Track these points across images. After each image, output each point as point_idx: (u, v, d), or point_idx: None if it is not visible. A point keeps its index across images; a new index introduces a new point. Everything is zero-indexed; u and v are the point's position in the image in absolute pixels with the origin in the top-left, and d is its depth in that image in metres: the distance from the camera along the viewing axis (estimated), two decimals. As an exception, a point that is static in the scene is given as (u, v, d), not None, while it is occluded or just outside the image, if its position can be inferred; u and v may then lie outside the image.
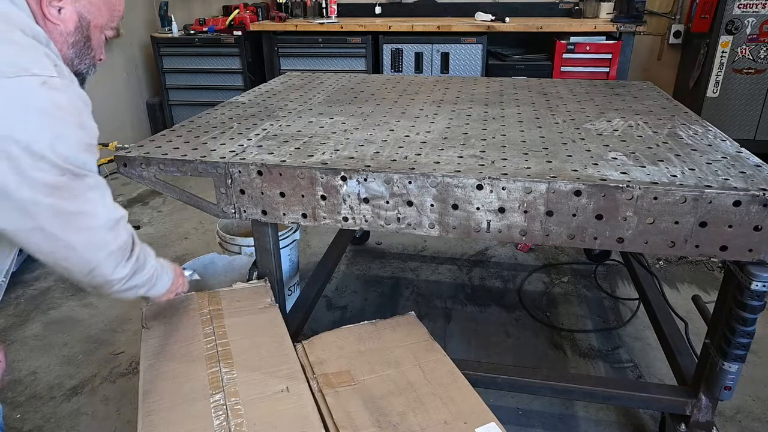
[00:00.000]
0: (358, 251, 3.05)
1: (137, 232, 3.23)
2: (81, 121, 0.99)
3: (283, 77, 2.61)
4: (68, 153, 0.95)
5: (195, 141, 1.63)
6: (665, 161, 1.40)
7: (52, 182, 0.94)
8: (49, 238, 1.00)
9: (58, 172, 0.94)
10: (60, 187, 0.96)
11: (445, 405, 1.28)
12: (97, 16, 1.11)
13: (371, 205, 1.41)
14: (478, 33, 4.07)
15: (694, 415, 1.55)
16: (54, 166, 0.93)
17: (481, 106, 2.00)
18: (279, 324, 1.47)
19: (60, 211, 0.98)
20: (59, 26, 1.06)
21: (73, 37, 1.08)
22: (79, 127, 0.98)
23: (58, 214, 0.98)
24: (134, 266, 1.18)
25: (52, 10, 1.03)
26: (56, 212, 0.97)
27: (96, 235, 1.06)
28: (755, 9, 3.65)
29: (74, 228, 1.02)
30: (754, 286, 1.28)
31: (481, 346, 2.25)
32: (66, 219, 0.99)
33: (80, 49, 1.11)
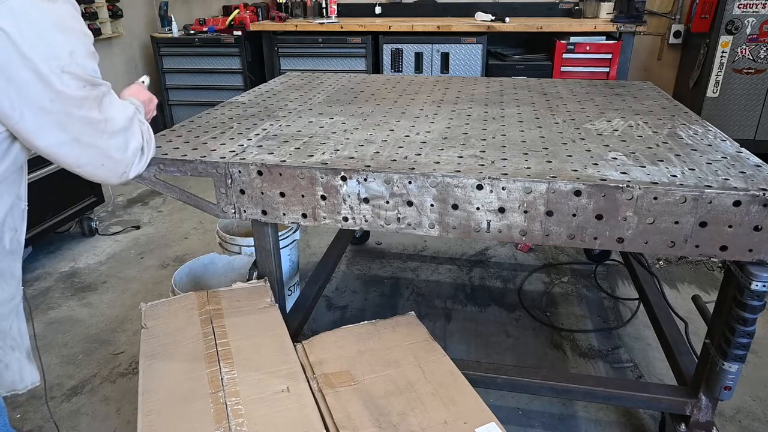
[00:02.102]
0: (358, 251, 3.05)
1: (137, 232, 3.27)
2: (83, 29, 1.02)
3: (283, 77, 2.61)
4: (84, 63, 1.01)
5: (195, 141, 1.63)
6: (665, 161, 1.40)
7: (79, 95, 1.01)
8: (86, 148, 1.08)
9: (80, 84, 1.01)
10: (86, 97, 1.03)
11: (445, 405, 1.28)
12: None
13: (371, 205, 1.41)
14: (478, 33, 4.07)
15: (694, 415, 1.55)
16: (76, 78, 0.99)
17: (481, 106, 2.00)
18: (279, 324, 1.47)
19: (90, 121, 1.05)
20: None
21: None
22: (84, 35, 1.02)
23: (89, 123, 1.05)
24: (148, 142, 1.28)
25: None
26: (88, 122, 1.05)
27: (123, 136, 1.16)
28: (755, 9, 3.65)
29: (105, 134, 1.10)
30: (754, 286, 1.27)
31: (481, 346, 2.25)
32: (96, 127, 1.07)
33: None
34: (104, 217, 3.54)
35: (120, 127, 1.14)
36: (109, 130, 1.11)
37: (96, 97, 1.06)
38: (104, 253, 3.04)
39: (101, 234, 3.28)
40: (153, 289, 2.67)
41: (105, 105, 1.09)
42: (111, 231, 3.32)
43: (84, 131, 1.06)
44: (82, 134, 1.06)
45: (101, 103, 1.08)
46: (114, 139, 1.13)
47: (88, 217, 3.22)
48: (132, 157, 1.20)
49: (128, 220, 3.50)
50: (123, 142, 1.17)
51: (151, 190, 3.85)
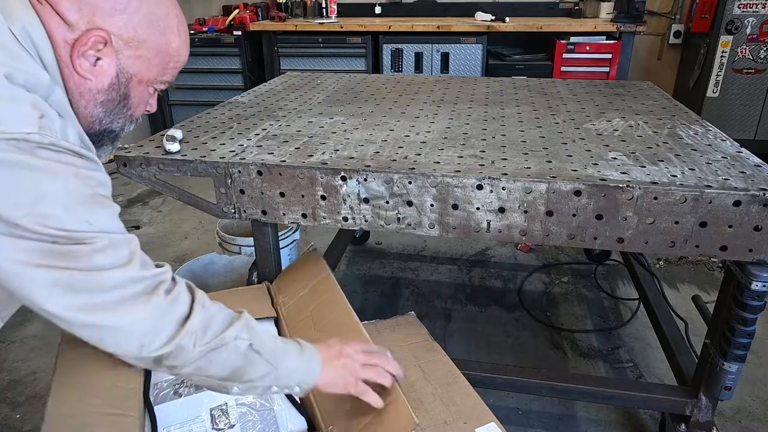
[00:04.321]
0: (358, 251, 3.05)
1: (137, 232, 3.27)
2: (74, 171, 0.79)
3: (283, 77, 2.61)
4: (56, 213, 0.76)
5: (195, 141, 1.63)
6: (665, 161, 1.40)
7: (39, 251, 0.76)
8: (68, 323, 0.81)
9: (45, 239, 0.75)
10: (54, 256, 0.77)
11: (445, 405, 1.28)
12: (144, 71, 0.92)
13: (371, 205, 1.41)
14: (478, 33, 4.07)
15: (694, 415, 1.55)
16: (36, 234, 0.75)
17: (481, 106, 2.00)
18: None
19: (59, 282, 0.78)
20: (89, 81, 0.87)
21: (104, 95, 0.90)
22: (74, 176, 0.79)
23: (60, 287, 0.78)
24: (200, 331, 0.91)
25: (83, 61, 0.85)
26: (56, 283, 0.78)
27: (119, 300, 0.83)
28: (755, 9, 3.65)
29: (87, 306, 0.81)
30: (754, 286, 1.27)
31: (481, 346, 2.25)
32: (73, 294, 0.79)
33: (112, 108, 0.93)
34: (104, 217, 3.54)
35: (117, 284, 0.82)
36: (104, 291, 0.81)
37: (73, 254, 0.78)
38: (104, 253, 3.04)
39: (101, 234, 3.28)
40: (153, 289, 2.66)
41: (92, 263, 0.80)
42: (111, 231, 3.32)
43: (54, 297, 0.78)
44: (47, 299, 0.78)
45: (81, 260, 0.79)
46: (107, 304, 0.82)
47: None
48: (149, 324, 0.86)
49: (128, 220, 3.50)
50: (124, 307, 0.84)
51: (151, 190, 3.85)
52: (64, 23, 0.83)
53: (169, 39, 0.93)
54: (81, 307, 0.80)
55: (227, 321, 0.98)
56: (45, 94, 0.80)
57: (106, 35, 0.85)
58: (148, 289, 0.86)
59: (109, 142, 0.99)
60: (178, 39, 0.95)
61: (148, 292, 0.86)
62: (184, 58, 0.98)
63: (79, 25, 0.84)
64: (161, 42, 0.92)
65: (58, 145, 0.77)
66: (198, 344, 0.90)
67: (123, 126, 0.98)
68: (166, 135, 1.57)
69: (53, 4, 0.83)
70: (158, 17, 0.91)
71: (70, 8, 0.83)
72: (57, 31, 0.83)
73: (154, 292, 0.87)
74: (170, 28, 0.93)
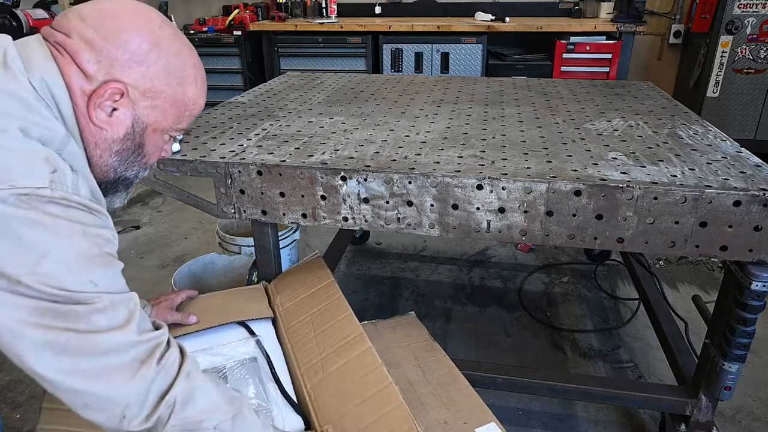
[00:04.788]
0: (358, 251, 3.05)
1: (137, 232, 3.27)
2: (82, 229, 0.79)
3: (283, 77, 2.61)
4: (59, 273, 0.75)
5: (195, 141, 1.63)
6: (665, 161, 1.40)
7: (38, 310, 0.74)
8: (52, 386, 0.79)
9: (45, 298, 0.74)
10: (52, 316, 0.75)
11: (445, 405, 1.28)
12: (160, 120, 0.93)
13: (371, 205, 1.41)
14: (478, 33, 4.07)
15: (694, 415, 1.55)
16: (37, 292, 0.74)
17: (481, 106, 2.00)
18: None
19: (53, 344, 0.76)
20: (105, 131, 0.88)
21: (119, 144, 0.91)
22: (81, 235, 0.78)
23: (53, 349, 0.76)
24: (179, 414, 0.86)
25: (99, 112, 0.86)
26: (49, 345, 0.76)
27: (110, 367, 0.81)
28: (755, 9, 3.65)
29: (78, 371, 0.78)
30: (754, 286, 1.27)
31: (481, 346, 2.25)
32: (65, 357, 0.77)
33: (127, 157, 0.93)
34: (104, 217, 3.54)
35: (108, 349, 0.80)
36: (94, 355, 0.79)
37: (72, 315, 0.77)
38: (104, 253, 3.04)
39: (101, 234, 3.28)
40: (153, 289, 2.66)
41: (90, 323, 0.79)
42: (111, 231, 3.32)
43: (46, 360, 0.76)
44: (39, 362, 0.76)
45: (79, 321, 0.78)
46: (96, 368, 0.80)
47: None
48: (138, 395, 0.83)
49: (128, 220, 3.50)
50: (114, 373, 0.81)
51: (150, 190, 3.85)
52: (82, 74, 0.84)
53: (186, 89, 0.94)
54: (70, 370, 0.78)
55: (214, 404, 0.92)
56: (59, 147, 0.81)
57: (123, 87, 0.86)
58: (142, 356, 0.84)
59: (123, 189, 0.99)
60: (195, 88, 0.95)
61: (141, 359, 0.83)
62: (201, 106, 0.99)
63: (97, 76, 0.85)
64: (178, 92, 0.92)
65: (69, 199, 0.78)
66: (174, 418, 0.85)
67: (137, 173, 0.98)
68: None
69: (73, 55, 0.84)
70: (176, 68, 0.91)
71: (90, 60, 0.84)
72: (75, 82, 0.84)
73: (147, 360, 0.84)
74: (187, 77, 0.94)
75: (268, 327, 1.45)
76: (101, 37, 0.84)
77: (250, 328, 1.42)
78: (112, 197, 0.99)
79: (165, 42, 0.90)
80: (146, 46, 0.87)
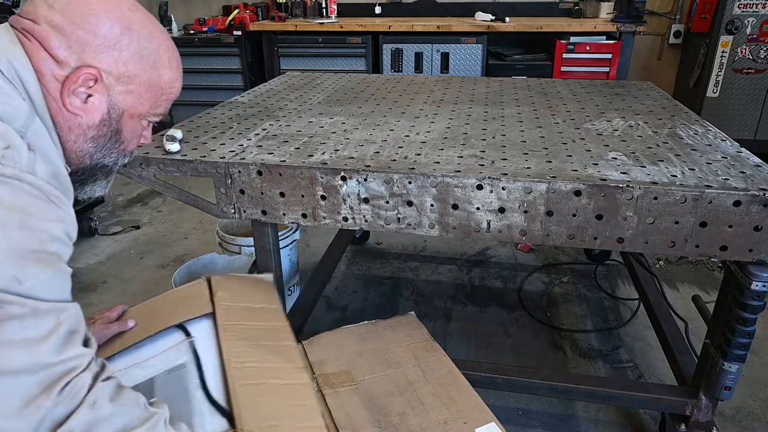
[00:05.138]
0: (358, 251, 3.05)
1: (137, 232, 3.27)
2: (21, 220, 0.71)
3: (283, 77, 2.61)
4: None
5: (195, 141, 1.63)
6: (665, 161, 1.40)
7: None
8: None
9: None
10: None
11: (445, 405, 1.28)
12: (136, 106, 0.92)
13: (371, 205, 1.41)
14: (478, 33, 4.07)
15: (694, 415, 1.55)
16: None
17: (481, 106, 2.00)
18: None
19: None
20: (80, 117, 0.87)
21: (95, 131, 0.89)
22: (18, 226, 0.70)
23: None
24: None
25: (74, 99, 0.85)
26: None
27: (5, 392, 0.69)
28: (755, 9, 3.65)
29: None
30: (754, 286, 1.27)
31: (481, 346, 2.25)
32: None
33: (103, 144, 0.92)
34: (104, 217, 3.54)
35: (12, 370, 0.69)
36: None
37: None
38: (104, 253, 3.04)
39: (101, 234, 3.28)
40: (153, 289, 2.66)
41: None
42: (111, 231, 3.32)
43: None
44: None
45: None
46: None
47: (87, 217, 3.22)
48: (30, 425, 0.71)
49: (128, 220, 3.50)
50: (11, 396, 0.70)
51: (150, 190, 3.85)
52: (52, 59, 0.83)
53: (161, 72, 0.93)
54: None
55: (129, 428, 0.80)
56: (23, 124, 0.78)
57: (97, 72, 0.85)
58: (48, 381, 0.72)
59: (102, 177, 0.98)
60: (170, 72, 0.95)
61: (46, 385, 0.71)
62: (177, 90, 0.97)
63: (68, 61, 0.84)
64: (153, 76, 0.92)
65: (21, 178, 0.73)
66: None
67: (116, 160, 0.96)
68: (166, 135, 1.57)
69: (42, 41, 0.83)
70: (149, 51, 0.90)
71: (59, 45, 0.83)
72: (45, 67, 0.83)
73: (52, 386, 0.72)
74: (161, 60, 0.93)
75: (205, 324, 1.34)
76: (69, 21, 0.84)
77: (186, 330, 1.32)
78: (92, 185, 0.98)
79: (136, 25, 0.89)
80: (117, 30, 0.86)
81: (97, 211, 3.49)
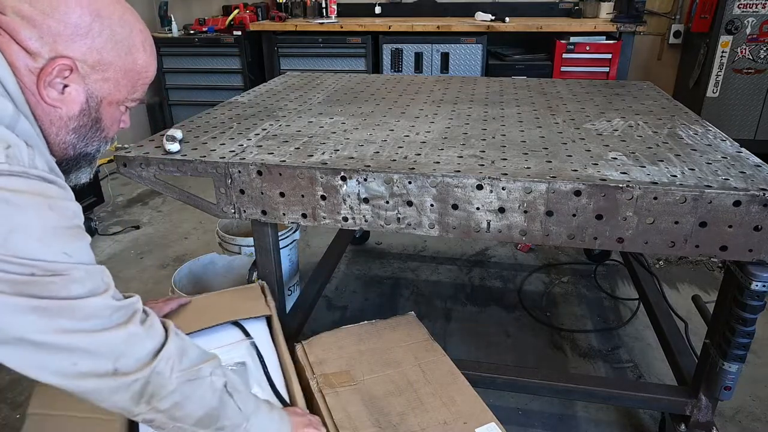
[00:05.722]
0: (358, 251, 3.05)
1: (137, 232, 3.27)
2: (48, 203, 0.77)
3: (283, 77, 2.61)
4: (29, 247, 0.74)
5: (195, 141, 1.63)
6: (665, 161, 1.40)
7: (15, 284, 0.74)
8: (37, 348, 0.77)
9: (21, 272, 0.74)
10: (31, 288, 0.75)
11: (445, 405, 1.28)
12: (114, 92, 0.92)
13: (371, 205, 1.41)
14: (478, 33, 4.07)
15: (694, 415, 1.55)
16: (11, 266, 0.73)
17: (481, 106, 2.00)
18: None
19: (37, 309, 0.75)
20: (59, 109, 0.87)
21: (76, 121, 0.90)
22: (47, 208, 0.77)
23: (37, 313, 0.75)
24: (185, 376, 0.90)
25: (51, 90, 0.85)
26: (33, 310, 0.75)
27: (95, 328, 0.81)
28: (755, 9, 3.65)
29: (64, 329, 0.78)
30: (754, 286, 1.27)
31: (481, 346, 2.25)
32: (49, 319, 0.76)
33: (85, 133, 0.93)
34: (104, 217, 3.54)
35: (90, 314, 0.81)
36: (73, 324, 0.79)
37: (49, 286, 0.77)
38: (104, 253, 3.04)
39: (101, 234, 3.28)
40: (153, 289, 2.66)
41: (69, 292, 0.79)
42: (111, 231, 3.32)
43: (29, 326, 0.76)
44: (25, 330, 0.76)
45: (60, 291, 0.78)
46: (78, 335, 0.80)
47: (87, 217, 3.22)
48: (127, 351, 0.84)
49: (128, 220, 3.50)
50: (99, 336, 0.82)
51: (150, 190, 3.85)
52: (25, 52, 0.82)
53: (136, 57, 0.92)
54: (57, 329, 0.77)
55: (203, 356, 0.97)
56: (10, 124, 0.79)
57: (71, 62, 0.84)
58: (124, 318, 0.85)
59: (86, 164, 0.98)
60: (144, 55, 0.94)
61: (124, 321, 0.85)
62: (152, 73, 0.97)
63: (41, 53, 0.83)
64: (128, 61, 0.91)
65: (29, 173, 0.76)
66: (175, 370, 0.89)
67: (98, 147, 0.97)
68: (166, 135, 1.57)
69: (12, 33, 0.82)
70: (122, 36, 0.90)
71: (30, 37, 0.82)
72: (19, 60, 0.82)
73: (130, 320, 0.86)
74: (135, 46, 0.92)
75: (263, 327, 1.43)
76: (38, 11, 0.82)
77: (245, 329, 1.41)
78: (76, 173, 0.98)
79: (106, 11, 0.88)
80: (87, 17, 0.85)
81: (97, 211, 3.49)
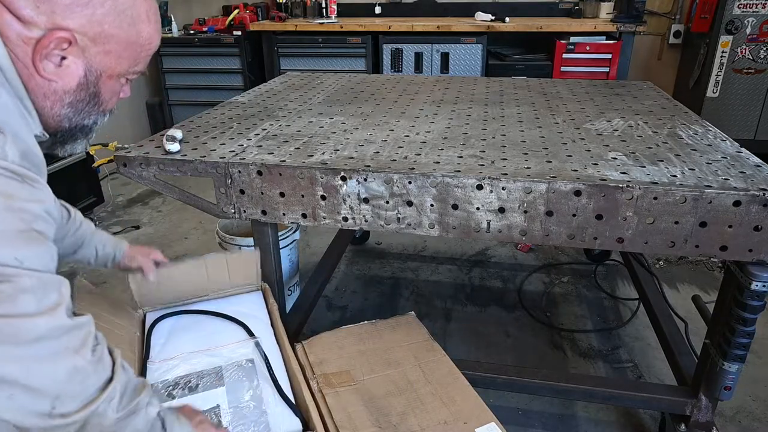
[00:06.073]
0: (358, 251, 3.05)
1: (137, 232, 3.27)
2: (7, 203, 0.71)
3: (283, 77, 2.61)
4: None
5: (195, 141, 1.63)
6: (665, 161, 1.40)
7: None
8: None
9: None
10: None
11: (445, 405, 1.28)
12: (115, 66, 0.86)
13: (371, 205, 1.41)
14: (478, 33, 4.07)
15: (694, 415, 1.55)
16: None
17: (481, 106, 2.00)
18: None
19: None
20: (55, 83, 0.82)
21: (72, 96, 0.85)
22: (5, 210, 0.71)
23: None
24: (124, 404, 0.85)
25: (47, 64, 0.79)
26: None
27: (39, 356, 0.72)
28: (755, 9, 3.65)
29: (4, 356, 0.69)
30: (754, 286, 1.27)
31: (481, 346, 2.25)
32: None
33: (82, 108, 0.88)
34: (104, 217, 3.54)
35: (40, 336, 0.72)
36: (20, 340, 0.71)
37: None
38: (104, 253, 3.04)
39: (101, 234, 3.28)
40: (153, 289, 2.66)
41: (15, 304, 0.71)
42: (111, 231, 3.32)
43: None
44: None
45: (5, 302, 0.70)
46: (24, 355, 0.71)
47: (88, 217, 3.21)
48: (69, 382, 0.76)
49: (128, 220, 3.50)
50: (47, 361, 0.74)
51: (150, 190, 3.85)
52: (17, 20, 0.76)
53: (140, 29, 0.85)
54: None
55: (140, 386, 0.90)
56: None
57: (70, 34, 0.78)
58: (75, 343, 0.77)
59: (82, 136, 0.93)
60: (149, 27, 0.87)
61: (74, 347, 0.76)
62: (156, 44, 0.90)
63: (37, 22, 0.76)
64: (131, 33, 0.84)
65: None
66: (117, 410, 0.82)
67: (96, 120, 0.92)
68: (166, 135, 1.57)
69: (4, 1, 0.76)
70: (125, 6, 0.83)
71: (24, 5, 0.75)
72: (10, 30, 0.76)
73: (82, 347, 0.78)
74: (139, 16, 0.85)
75: (267, 329, 1.46)
76: None
77: (250, 330, 1.43)
78: (72, 144, 0.94)
79: None
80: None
81: (97, 211, 3.50)
